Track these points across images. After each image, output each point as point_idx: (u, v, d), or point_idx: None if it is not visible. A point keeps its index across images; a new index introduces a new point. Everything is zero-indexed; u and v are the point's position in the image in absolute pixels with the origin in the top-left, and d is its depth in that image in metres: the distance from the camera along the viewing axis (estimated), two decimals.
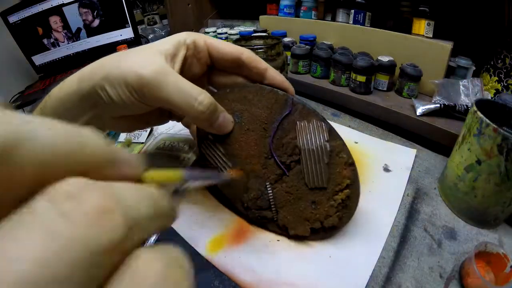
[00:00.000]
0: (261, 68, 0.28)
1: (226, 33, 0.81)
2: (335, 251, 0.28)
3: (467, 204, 0.31)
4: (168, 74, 0.23)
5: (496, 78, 0.48)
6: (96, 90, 0.25)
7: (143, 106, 0.25)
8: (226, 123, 0.27)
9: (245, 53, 0.27)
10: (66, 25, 0.87)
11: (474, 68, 0.51)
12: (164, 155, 0.36)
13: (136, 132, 0.46)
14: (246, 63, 0.28)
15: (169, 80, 0.23)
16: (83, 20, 0.87)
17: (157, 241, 0.29)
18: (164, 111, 0.33)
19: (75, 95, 0.26)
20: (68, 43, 0.89)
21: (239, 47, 0.28)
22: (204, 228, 0.30)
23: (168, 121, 0.35)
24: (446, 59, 0.48)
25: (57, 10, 0.84)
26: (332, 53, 0.57)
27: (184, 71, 0.27)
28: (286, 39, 0.65)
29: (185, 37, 0.27)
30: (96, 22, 0.88)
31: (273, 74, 0.28)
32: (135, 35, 0.92)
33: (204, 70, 0.29)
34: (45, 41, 0.88)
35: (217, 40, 0.28)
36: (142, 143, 0.45)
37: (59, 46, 0.89)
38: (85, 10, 0.86)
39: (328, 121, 0.28)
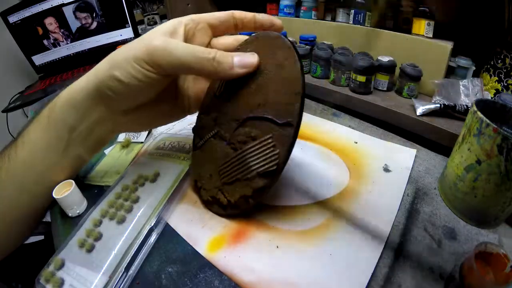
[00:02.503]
0: (250, 15, 0.31)
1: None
2: (336, 250, 0.28)
3: (467, 204, 0.31)
4: (175, 41, 0.26)
5: (496, 78, 0.48)
6: (105, 82, 0.26)
7: (156, 78, 0.26)
8: (246, 59, 0.27)
9: (235, 11, 0.31)
10: (64, 24, 0.87)
11: (474, 68, 0.51)
12: (164, 155, 0.36)
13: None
14: (238, 18, 0.31)
15: (178, 43, 0.25)
16: (81, 23, 0.87)
17: (157, 239, 0.29)
18: (179, 103, 0.34)
19: (82, 93, 0.28)
20: (68, 43, 0.89)
21: (228, 11, 0.31)
22: (204, 228, 0.30)
23: (186, 116, 0.36)
24: (446, 59, 0.48)
25: (56, 11, 0.84)
26: (332, 53, 0.57)
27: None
28: None
29: (180, 19, 0.29)
30: (94, 24, 0.88)
31: (261, 16, 0.31)
32: (135, 35, 0.92)
33: (207, 41, 0.32)
34: (45, 41, 0.88)
35: (210, 13, 0.31)
36: (142, 142, 0.44)
37: (59, 46, 0.89)
38: (82, 14, 0.86)
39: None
